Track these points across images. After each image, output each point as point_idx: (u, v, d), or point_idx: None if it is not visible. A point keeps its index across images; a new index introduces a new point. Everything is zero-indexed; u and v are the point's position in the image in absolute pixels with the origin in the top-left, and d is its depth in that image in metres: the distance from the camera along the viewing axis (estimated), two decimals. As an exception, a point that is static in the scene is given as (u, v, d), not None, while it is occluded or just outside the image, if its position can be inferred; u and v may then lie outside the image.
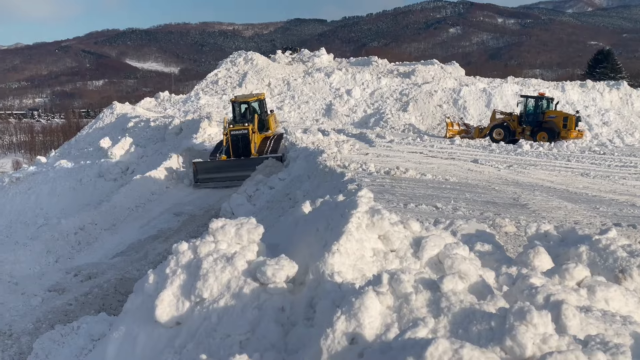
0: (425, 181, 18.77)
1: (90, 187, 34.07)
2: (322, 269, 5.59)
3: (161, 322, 5.51)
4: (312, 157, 23.77)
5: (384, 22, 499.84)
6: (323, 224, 6.33)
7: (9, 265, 25.42)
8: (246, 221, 6.09)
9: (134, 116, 43.74)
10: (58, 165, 36.61)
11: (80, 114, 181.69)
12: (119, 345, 5.73)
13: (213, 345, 5.13)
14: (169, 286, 5.57)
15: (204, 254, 5.71)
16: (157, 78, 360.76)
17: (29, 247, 26.90)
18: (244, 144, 29.51)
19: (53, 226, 29.15)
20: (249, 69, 58.13)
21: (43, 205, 32.98)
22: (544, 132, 38.67)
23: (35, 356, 14.53)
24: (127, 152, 36.65)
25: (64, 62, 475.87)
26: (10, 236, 30.03)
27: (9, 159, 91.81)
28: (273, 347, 4.88)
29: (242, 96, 33.74)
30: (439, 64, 60.82)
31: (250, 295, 5.37)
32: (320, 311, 5.11)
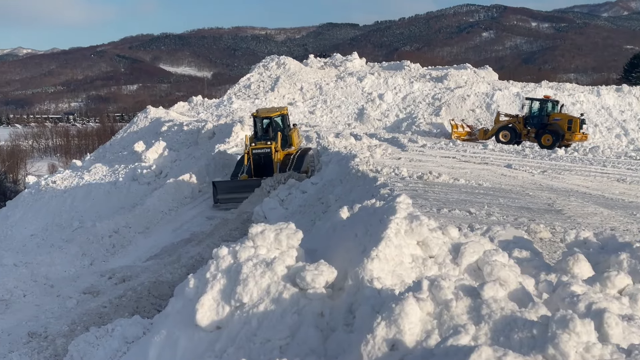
0: (458, 186, 18.65)
1: (124, 190, 34.38)
2: (362, 274, 5.59)
3: (202, 326, 5.54)
4: (345, 161, 23.75)
5: (417, 26, 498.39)
6: (361, 230, 6.34)
7: (44, 267, 25.74)
8: (285, 226, 6.11)
9: (168, 120, 44.05)
10: (93, 168, 36.97)
11: (114, 118, 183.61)
12: (160, 348, 5.78)
13: (253, 349, 5.16)
14: (209, 290, 5.61)
15: (243, 258, 5.74)
16: (190, 82, 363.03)
17: (65, 249, 27.22)
18: (266, 163, 28.63)
19: (88, 229, 29.48)
20: (282, 73, 58.29)
21: (78, 209, 33.34)
22: (549, 135, 38.92)
23: (70, 358, 14.68)
24: (161, 156, 36.93)
25: (99, 67, 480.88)
26: (46, 239, 30.39)
27: (45, 162, 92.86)
28: (313, 352, 4.89)
29: (264, 110, 32.68)
30: (471, 68, 60.60)
31: (290, 300, 5.38)
32: (360, 317, 5.11)
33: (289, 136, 30.67)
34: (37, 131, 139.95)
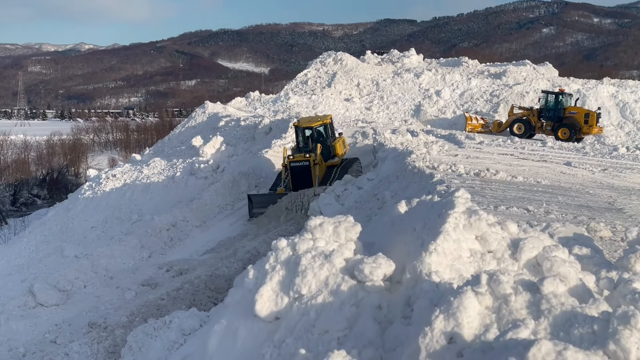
0: (516, 183, 18.46)
1: (182, 184, 34.76)
2: (420, 268, 5.60)
3: (261, 317, 5.62)
4: (401, 157, 23.67)
5: (475, 22, 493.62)
6: (420, 224, 6.34)
7: (104, 259, 26.26)
8: (344, 219, 6.15)
9: (225, 115, 44.41)
10: (152, 162, 37.46)
11: (173, 112, 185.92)
12: (220, 338, 5.87)
13: (311, 340, 5.21)
14: (269, 281, 5.68)
15: (302, 250, 5.79)
16: (247, 78, 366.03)
17: (124, 242, 27.72)
18: (305, 177, 27.30)
19: (147, 222, 29.97)
20: (338, 69, 58.33)
21: (137, 202, 33.81)
22: (565, 128, 39.23)
23: (129, 349, 14.96)
24: (218, 151, 37.24)
25: (158, 62, 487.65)
26: (106, 231, 30.93)
27: (105, 156, 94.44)
28: (371, 344, 4.92)
29: (305, 120, 30.96)
30: (531, 64, 59.80)
31: (348, 292, 5.42)
32: (418, 310, 5.12)
33: (332, 147, 29.58)
34: (98, 125, 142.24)
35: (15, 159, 76.08)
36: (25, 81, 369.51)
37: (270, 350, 5.40)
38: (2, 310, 21.64)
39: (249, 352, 5.58)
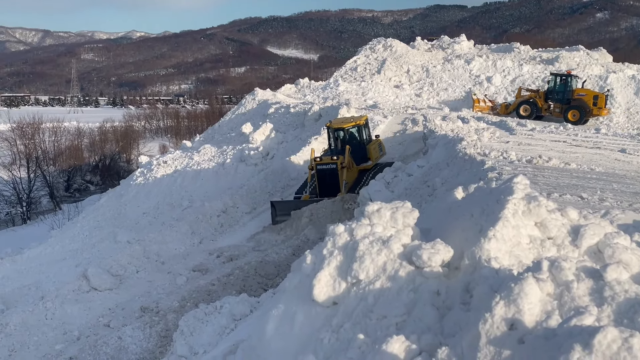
0: (569, 170, 18.19)
1: (232, 171, 34.94)
2: (479, 254, 5.56)
3: (318, 301, 5.63)
4: (451, 144, 23.49)
5: (527, 8, 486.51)
6: (478, 210, 6.29)
7: (156, 245, 26.59)
8: (401, 205, 6.12)
9: (275, 102, 44.49)
10: (202, 149, 37.74)
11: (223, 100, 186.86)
12: (278, 322, 5.90)
13: (370, 325, 5.21)
14: (326, 267, 5.68)
15: (360, 236, 5.79)
16: (296, 65, 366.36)
17: (175, 228, 28.01)
18: (332, 181, 25.60)
19: (197, 208, 30.23)
20: (388, 56, 57.97)
21: (188, 188, 34.10)
22: (575, 110, 39.33)
23: (181, 333, 15.14)
24: (268, 138, 37.36)
25: (208, 50, 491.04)
26: (158, 217, 31.26)
27: (156, 143, 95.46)
28: (429, 330, 4.90)
29: (338, 121, 29.05)
30: (584, 50, 58.68)
31: (406, 278, 5.41)
32: (478, 296, 5.08)
33: (365, 149, 27.97)
34: (149, 112, 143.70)
35: (68, 146, 77.29)
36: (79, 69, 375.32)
37: (328, 335, 5.41)
38: (57, 294, 22.06)
39: (306, 337, 5.61)
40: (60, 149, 74.38)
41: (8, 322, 20.09)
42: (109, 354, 17.25)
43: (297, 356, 5.28)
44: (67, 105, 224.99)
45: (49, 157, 70.11)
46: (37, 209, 60.45)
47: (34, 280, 25.61)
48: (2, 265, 26.65)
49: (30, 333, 20.01)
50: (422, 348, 4.73)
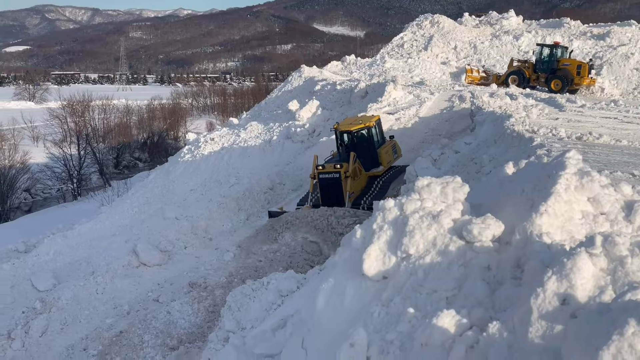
0: (620, 147, 17.86)
1: (278, 148, 35.03)
2: (530, 229, 5.52)
3: (368, 276, 5.65)
4: (499, 121, 23.26)
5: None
6: (529, 185, 6.23)
7: (204, 221, 26.85)
8: (451, 180, 6.10)
9: (321, 79, 44.44)
10: (249, 126, 37.88)
11: (269, 77, 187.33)
12: (328, 295, 5.94)
13: (420, 299, 5.22)
14: (376, 241, 5.70)
15: (410, 211, 5.78)
16: (343, 42, 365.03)
17: (222, 204, 28.24)
18: (336, 191, 23.62)
19: (244, 185, 30.42)
20: (435, 32, 57.43)
21: (235, 165, 34.26)
22: (558, 80, 40.21)
23: (228, 308, 15.30)
24: (314, 115, 37.35)
25: (254, 27, 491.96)
26: (205, 194, 31.51)
27: (203, 120, 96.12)
28: (480, 305, 4.89)
29: (346, 122, 26.80)
30: (636, 25, 57.41)
31: (456, 252, 5.39)
32: (529, 271, 5.05)
33: (375, 154, 25.92)
34: (196, 90, 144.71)
35: (117, 123, 78.27)
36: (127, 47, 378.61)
37: (378, 309, 5.43)
38: (107, 269, 22.46)
39: (356, 311, 5.64)
40: (110, 127, 75.34)
41: (60, 297, 20.53)
42: (158, 328, 17.54)
43: (347, 329, 5.31)
44: (116, 83, 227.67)
45: (98, 134, 71.10)
46: (87, 185, 61.45)
47: (84, 256, 26.05)
48: (53, 240, 27.14)
49: (81, 307, 20.43)
50: (473, 322, 4.73)
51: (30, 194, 61.00)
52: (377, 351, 5.00)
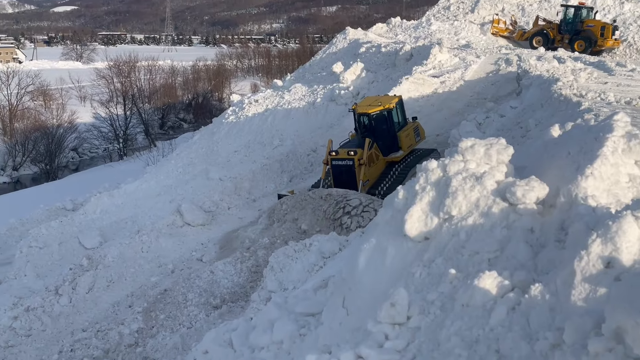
0: (671, 112, 17.51)
1: (322, 110, 34.93)
2: (575, 192, 5.46)
3: (410, 236, 5.65)
4: (546, 85, 22.94)
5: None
6: (575, 148, 6.15)
7: (247, 182, 27.00)
8: (496, 141, 6.04)
9: (366, 42, 44.07)
10: (293, 88, 37.83)
11: (314, 39, 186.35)
12: (370, 256, 5.96)
13: (461, 261, 5.21)
14: (418, 202, 5.69)
15: (453, 172, 5.75)
16: (388, 4, 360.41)
17: (266, 166, 28.32)
18: (349, 179, 22.07)
19: (287, 147, 30.45)
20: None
21: (278, 127, 34.27)
22: (582, 40, 40.06)
23: (270, 269, 15.43)
24: (358, 77, 37.12)
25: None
26: (249, 155, 31.62)
27: (247, 82, 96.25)
28: (522, 267, 4.87)
29: (364, 104, 24.88)
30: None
31: (499, 214, 5.36)
32: (573, 234, 5.01)
33: (395, 137, 24.17)
34: (241, 51, 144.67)
35: (163, 84, 78.74)
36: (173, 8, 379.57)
37: (419, 269, 5.44)
38: (152, 228, 22.77)
39: (398, 271, 5.65)
40: (155, 87, 75.85)
41: (106, 254, 20.88)
42: (201, 287, 17.76)
43: (388, 289, 5.34)
44: (162, 44, 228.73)
45: (144, 95, 71.63)
46: (132, 145, 62.14)
47: (130, 215, 26.41)
48: (100, 199, 27.55)
49: (127, 265, 20.78)
50: (515, 284, 4.72)
51: (78, 153, 61.96)
52: (417, 311, 5.02)
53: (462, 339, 4.48)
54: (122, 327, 16.63)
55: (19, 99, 63.67)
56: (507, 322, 4.39)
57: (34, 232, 24.35)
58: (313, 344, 6.06)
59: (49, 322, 18.00)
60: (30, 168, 56.63)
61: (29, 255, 23.11)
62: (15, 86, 63.35)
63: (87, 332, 16.86)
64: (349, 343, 5.11)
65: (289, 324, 6.71)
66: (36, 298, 18.91)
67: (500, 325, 4.39)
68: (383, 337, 4.92)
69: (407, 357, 4.68)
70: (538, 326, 4.38)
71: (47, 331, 17.73)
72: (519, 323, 4.33)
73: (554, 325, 4.34)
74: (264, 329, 6.85)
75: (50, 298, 18.79)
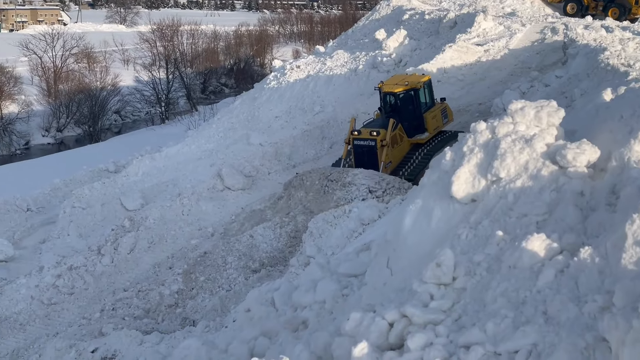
0: None
1: (364, 77, 34.73)
2: (627, 155, 5.37)
3: (457, 198, 5.61)
4: (593, 54, 22.60)
5: None
6: (628, 111, 6.03)
7: (287, 148, 27.03)
8: (546, 104, 5.94)
9: (409, 8, 43.59)
10: (335, 55, 37.64)
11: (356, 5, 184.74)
12: (416, 217, 5.94)
13: (509, 223, 5.17)
14: (466, 164, 5.63)
15: (502, 134, 5.68)
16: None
17: (306, 132, 28.28)
18: (371, 160, 21.23)
19: (328, 114, 30.38)
20: (530, -39, 55.42)
21: (320, 93, 34.15)
22: (615, 8, 39.30)
23: (310, 234, 15.50)
24: (401, 45, 36.77)
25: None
26: (289, 121, 31.60)
27: (289, 47, 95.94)
28: (571, 230, 4.82)
29: (391, 82, 23.82)
30: None
31: (549, 177, 5.29)
32: (625, 197, 4.94)
33: (420, 118, 23.20)
34: (283, 17, 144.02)
35: (205, 49, 78.79)
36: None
37: (466, 231, 5.41)
38: (193, 191, 22.93)
39: (443, 232, 5.63)
40: (197, 52, 75.92)
41: (148, 216, 21.10)
42: (240, 251, 17.88)
43: (434, 250, 5.32)
44: (205, 9, 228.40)
45: (186, 59, 71.76)
46: (174, 109, 62.43)
47: (171, 178, 26.59)
48: (142, 162, 27.77)
49: (167, 227, 20.98)
50: (564, 247, 4.67)
51: (120, 116, 62.50)
52: (463, 272, 5.00)
53: (509, 300, 4.46)
54: (163, 288, 16.84)
55: (63, 60, 64.22)
56: (555, 284, 4.36)
57: (77, 193, 24.67)
58: (356, 303, 6.08)
59: (91, 281, 18.28)
60: (74, 130, 57.28)
61: (72, 215, 23.44)
62: (60, 48, 63.88)
63: (129, 291, 17.09)
64: (393, 302, 5.11)
65: (331, 284, 6.73)
66: (79, 257, 19.19)
67: (548, 287, 4.35)
68: (428, 297, 4.91)
69: (452, 317, 4.68)
70: (587, 289, 4.34)
71: (90, 290, 18.01)
72: (567, 285, 4.30)
73: (603, 288, 4.29)
74: (307, 288, 6.88)
75: (92, 257, 19.07)
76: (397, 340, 4.75)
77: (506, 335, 4.12)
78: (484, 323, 4.31)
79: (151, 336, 12.53)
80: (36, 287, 17.59)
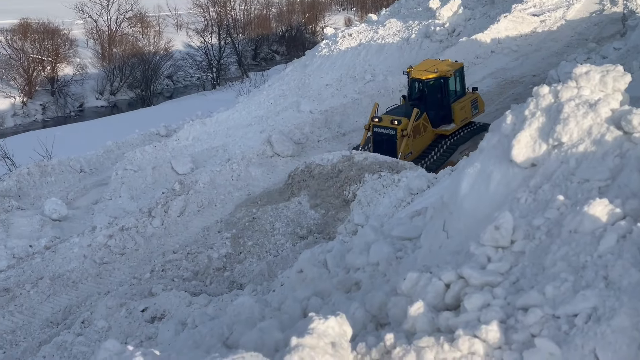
0: None
1: (416, 47, 34.59)
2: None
3: (516, 162, 5.56)
4: (655, 26, 22.11)
5: None
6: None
7: (338, 116, 27.10)
8: (612, 68, 5.82)
9: (465, -23, 43.14)
10: (387, 23, 37.42)
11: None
12: (474, 180, 5.91)
13: (570, 188, 5.11)
14: (527, 127, 5.56)
15: (565, 98, 5.58)
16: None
17: (357, 100, 28.30)
18: (390, 148, 20.49)
19: (379, 83, 30.34)
20: None
21: (371, 62, 34.13)
22: None
23: (358, 202, 15.60)
24: (455, 14, 36.45)
25: None
26: (340, 89, 31.63)
27: (341, 15, 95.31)
28: (635, 196, 4.73)
29: (420, 68, 23.10)
30: None
31: (612, 143, 5.20)
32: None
33: (450, 108, 22.56)
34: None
35: (257, 15, 78.85)
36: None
37: (525, 195, 5.36)
38: (242, 157, 23.13)
39: (502, 196, 5.59)
40: (250, 18, 76.00)
41: (198, 180, 21.37)
42: (289, 217, 18.05)
43: (492, 213, 5.29)
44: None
45: (238, 25, 71.98)
46: (225, 75, 62.73)
47: (221, 143, 26.84)
48: (193, 127, 28.06)
49: (217, 192, 21.23)
50: (627, 213, 4.59)
51: (172, 81, 63.08)
52: (522, 235, 4.96)
53: (569, 264, 4.42)
54: (211, 252, 17.08)
55: (117, 24, 64.90)
56: (617, 249, 4.30)
57: (129, 156, 25.08)
58: (410, 265, 6.08)
59: (141, 242, 18.61)
60: (126, 93, 58.06)
61: (124, 177, 23.84)
62: (114, 12, 64.55)
63: (178, 254, 17.37)
64: (449, 264, 5.10)
65: (385, 246, 6.74)
66: (130, 219, 19.54)
67: (610, 253, 4.30)
68: (486, 260, 4.89)
69: (510, 280, 4.66)
70: (649, 254, 4.28)
71: (140, 250, 18.37)
72: (629, 251, 4.23)
73: (666, 254, 4.23)
74: (360, 250, 6.91)
75: (143, 219, 19.40)
76: (453, 301, 4.75)
77: (565, 298, 4.09)
78: (543, 286, 4.28)
79: (199, 298, 12.73)
80: (88, 247, 17.98)
